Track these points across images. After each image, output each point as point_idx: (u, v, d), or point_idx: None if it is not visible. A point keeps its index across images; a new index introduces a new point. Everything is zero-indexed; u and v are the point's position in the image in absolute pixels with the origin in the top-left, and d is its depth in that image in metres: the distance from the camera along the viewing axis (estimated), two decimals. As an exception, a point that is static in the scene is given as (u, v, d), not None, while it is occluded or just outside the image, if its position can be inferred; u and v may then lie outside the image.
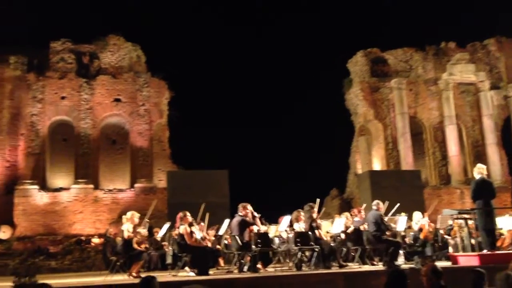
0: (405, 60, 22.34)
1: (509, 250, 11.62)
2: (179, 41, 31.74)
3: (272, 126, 30.78)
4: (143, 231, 9.91)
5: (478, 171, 9.65)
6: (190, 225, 9.89)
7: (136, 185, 18.93)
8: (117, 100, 19.69)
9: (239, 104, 30.48)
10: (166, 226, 11.46)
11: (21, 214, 17.81)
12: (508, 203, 19.11)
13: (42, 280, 5.87)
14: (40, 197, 18.13)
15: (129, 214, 9.76)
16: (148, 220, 10.19)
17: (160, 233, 12.03)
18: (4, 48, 19.29)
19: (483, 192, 9.42)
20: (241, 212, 10.06)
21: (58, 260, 16.12)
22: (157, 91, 20.21)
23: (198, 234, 9.95)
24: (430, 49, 22.38)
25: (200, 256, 9.51)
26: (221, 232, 11.83)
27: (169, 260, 11.17)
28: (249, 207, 10.11)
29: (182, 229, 9.65)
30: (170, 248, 11.08)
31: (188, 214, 9.85)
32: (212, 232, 12.18)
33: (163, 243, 12.50)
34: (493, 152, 20.68)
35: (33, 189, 18.12)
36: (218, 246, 11.76)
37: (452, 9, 34.38)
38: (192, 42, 33.81)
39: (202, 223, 11.37)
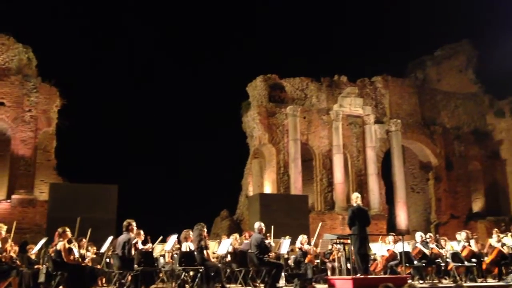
0: (301, 89, 23.26)
1: (381, 274, 12.44)
2: (75, 48, 30.44)
3: (166, 143, 30.43)
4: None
5: (354, 200, 10.39)
6: (69, 241, 9.42)
7: (14, 196, 17.53)
8: (0, 103, 18.28)
9: (133, 118, 29.82)
10: (42, 242, 10.78)
11: None
12: (384, 230, 20.49)
13: None
14: None
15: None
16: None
17: (34, 249, 11.26)
18: None
19: (358, 219, 10.08)
20: (127, 229, 9.78)
21: None
22: (47, 98, 19.06)
23: (76, 252, 9.47)
24: (325, 80, 23.51)
25: (77, 275, 9.05)
26: (103, 250, 11.37)
27: (41, 278, 10.45)
28: (134, 224, 9.87)
29: (60, 245, 9.16)
30: (44, 266, 10.40)
31: (67, 229, 9.37)
32: (93, 250, 11.65)
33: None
34: (374, 182, 22.15)
35: None
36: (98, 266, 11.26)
37: (346, 45, 36.77)
38: (89, 51, 32.52)
39: (84, 240, 10.87)
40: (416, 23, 35.38)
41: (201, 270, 9.85)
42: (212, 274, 10.13)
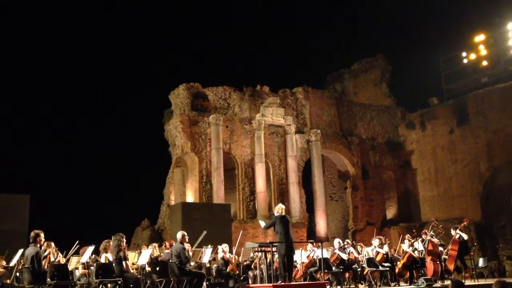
0: (224, 98, 23.31)
1: (301, 281, 12.70)
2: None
3: (84, 150, 29.30)
4: None
5: (280, 211, 10.68)
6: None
7: None
8: None
9: (47, 124, 28.45)
10: None
11: None
12: (304, 238, 20.97)
13: None
14: None
15: None
16: None
17: None
18: None
19: (281, 227, 10.28)
20: (34, 241, 9.27)
21: None
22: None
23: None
24: (247, 90, 23.72)
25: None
26: (12, 263, 10.68)
27: None
28: (42, 235, 9.38)
29: (-37, 260, 8.50)
30: None
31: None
32: (1, 263, 10.92)
33: None
34: (294, 190, 22.63)
35: None
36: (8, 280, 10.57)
37: (269, 56, 37.54)
38: None
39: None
40: (336, 37, 36.93)
41: (119, 282, 9.54)
42: (131, 285, 9.84)
